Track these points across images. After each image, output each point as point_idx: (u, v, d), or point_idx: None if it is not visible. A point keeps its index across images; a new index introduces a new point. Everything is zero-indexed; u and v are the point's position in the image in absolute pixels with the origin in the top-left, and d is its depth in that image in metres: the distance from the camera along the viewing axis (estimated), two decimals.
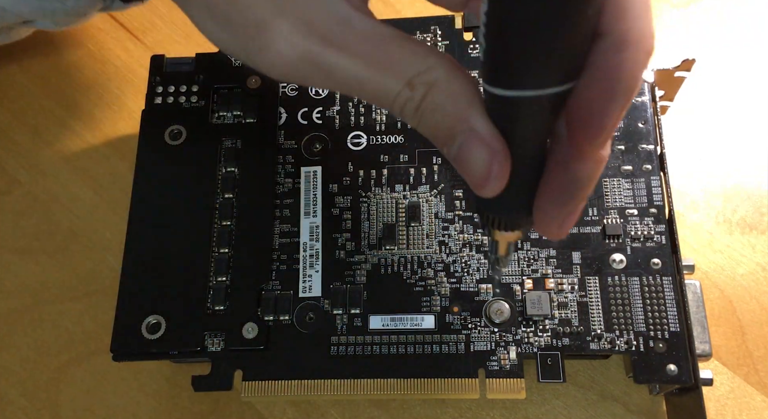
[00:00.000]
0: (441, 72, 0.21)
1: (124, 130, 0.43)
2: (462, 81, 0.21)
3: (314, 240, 0.35)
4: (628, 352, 0.31)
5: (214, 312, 0.34)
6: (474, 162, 0.21)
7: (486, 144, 0.20)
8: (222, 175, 0.36)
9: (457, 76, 0.21)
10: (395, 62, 0.21)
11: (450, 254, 0.34)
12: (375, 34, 0.22)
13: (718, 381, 0.35)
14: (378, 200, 0.36)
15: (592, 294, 0.33)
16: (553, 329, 0.32)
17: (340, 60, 0.22)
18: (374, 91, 0.22)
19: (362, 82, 0.22)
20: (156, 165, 0.37)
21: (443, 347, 0.32)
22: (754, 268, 0.37)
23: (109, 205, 0.41)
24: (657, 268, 0.32)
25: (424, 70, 0.21)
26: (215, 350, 0.33)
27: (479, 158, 0.21)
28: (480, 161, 0.21)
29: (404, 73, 0.21)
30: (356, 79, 0.22)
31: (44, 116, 0.44)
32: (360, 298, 0.33)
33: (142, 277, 0.34)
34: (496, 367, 0.32)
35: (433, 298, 0.33)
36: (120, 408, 0.37)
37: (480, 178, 0.21)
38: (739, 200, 0.39)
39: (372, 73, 0.21)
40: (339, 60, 0.22)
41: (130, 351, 0.33)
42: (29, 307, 0.39)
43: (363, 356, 0.32)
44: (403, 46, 0.22)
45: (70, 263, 0.40)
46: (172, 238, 0.35)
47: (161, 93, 0.38)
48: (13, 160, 0.43)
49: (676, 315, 0.32)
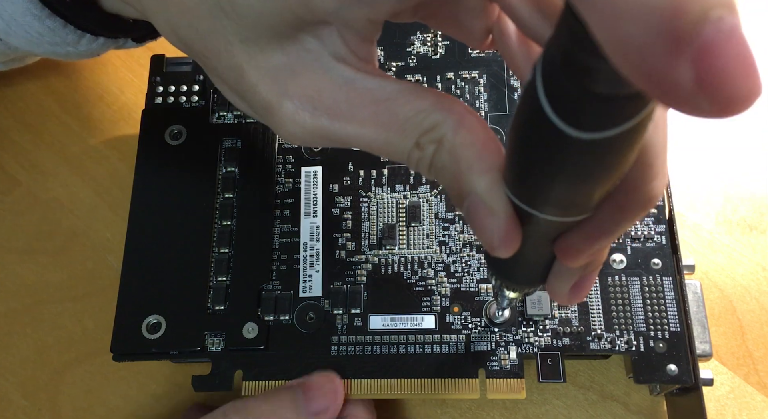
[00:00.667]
0: (446, 129, 0.21)
1: (124, 130, 0.43)
2: (466, 139, 0.21)
3: (314, 240, 0.35)
4: (629, 352, 0.31)
5: (215, 312, 0.34)
6: (481, 228, 0.20)
7: (488, 209, 0.20)
8: (222, 175, 0.36)
9: (462, 133, 0.21)
10: (402, 123, 0.21)
11: (450, 254, 0.34)
12: (380, 92, 0.22)
13: (718, 381, 0.35)
14: (378, 200, 0.36)
15: (592, 294, 0.33)
16: (554, 329, 0.32)
17: (349, 130, 0.22)
18: (387, 152, 0.22)
19: (374, 145, 0.22)
20: (156, 165, 0.37)
21: (443, 347, 0.32)
22: (754, 268, 0.37)
23: (109, 205, 0.41)
24: (657, 268, 0.33)
25: (430, 128, 0.21)
26: (215, 350, 0.33)
27: (485, 224, 0.20)
28: (486, 227, 0.20)
29: (412, 134, 0.21)
30: (368, 144, 0.22)
31: (44, 116, 0.44)
32: (360, 298, 0.33)
33: (143, 277, 0.34)
34: (496, 367, 0.32)
35: (433, 298, 0.33)
36: (120, 408, 0.37)
37: (488, 244, 0.20)
38: (739, 200, 0.39)
39: (382, 137, 0.22)
40: (348, 130, 0.22)
41: (130, 350, 0.33)
42: (29, 307, 0.39)
43: (363, 356, 0.32)
44: (409, 103, 0.21)
45: (70, 263, 0.40)
46: (173, 238, 0.35)
47: (161, 93, 0.38)
48: (13, 160, 0.43)
49: (676, 315, 0.32)
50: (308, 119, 0.22)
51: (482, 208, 0.20)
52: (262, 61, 0.22)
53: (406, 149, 0.22)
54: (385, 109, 0.22)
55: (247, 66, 0.22)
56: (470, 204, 0.20)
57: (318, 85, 0.22)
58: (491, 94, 0.37)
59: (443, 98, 0.21)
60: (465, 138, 0.20)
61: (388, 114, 0.21)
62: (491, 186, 0.20)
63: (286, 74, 0.22)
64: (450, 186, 0.21)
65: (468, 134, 0.21)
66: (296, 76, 0.22)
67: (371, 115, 0.22)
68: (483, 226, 0.20)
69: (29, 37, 0.31)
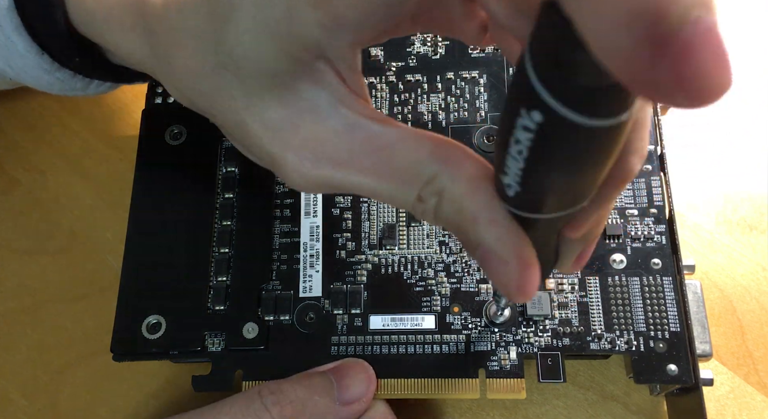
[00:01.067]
0: (446, 180, 0.21)
1: (124, 130, 0.43)
2: (466, 189, 0.20)
3: (314, 240, 0.35)
4: (629, 352, 0.31)
5: (215, 312, 0.34)
6: (497, 277, 0.20)
7: (500, 259, 0.20)
8: (222, 175, 0.36)
9: (461, 183, 0.21)
10: (402, 175, 0.21)
11: (450, 254, 0.34)
12: (379, 141, 0.22)
13: (718, 381, 0.35)
14: (377, 200, 0.36)
15: (592, 294, 0.33)
16: (554, 329, 0.32)
17: (352, 179, 0.22)
18: (392, 203, 0.23)
19: (377, 194, 0.22)
20: (156, 165, 0.37)
21: (443, 347, 0.32)
22: (754, 268, 0.37)
23: (109, 205, 0.41)
24: (657, 268, 0.32)
25: (430, 179, 0.21)
26: (215, 350, 0.33)
27: (500, 273, 0.20)
28: (502, 276, 0.20)
29: (413, 186, 0.21)
30: (371, 192, 0.22)
31: (44, 116, 0.44)
32: (360, 298, 0.33)
33: (143, 277, 0.34)
34: (496, 367, 0.32)
35: (433, 298, 0.33)
36: (120, 408, 0.37)
37: (505, 292, 0.20)
38: (739, 200, 0.39)
39: (384, 188, 0.22)
40: (351, 179, 0.22)
41: (130, 351, 0.33)
42: (29, 307, 0.39)
43: (363, 356, 0.32)
44: (407, 152, 0.21)
45: (70, 263, 0.40)
46: (173, 238, 0.35)
47: (161, 93, 0.38)
48: (13, 160, 0.43)
49: (676, 315, 0.32)
50: (311, 171, 0.22)
51: (494, 258, 0.20)
52: (264, 114, 0.23)
53: (409, 201, 0.22)
54: (386, 159, 0.22)
55: (250, 121, 0.23)
56: (482, 255, 0.20)
57: (319, 135, 0.22)
58: (491, 94, 0.37)
59: (441, 145, 0.21)
60: (465, 188, 0.20)
61: (388, 164, 0.22)
62: (500, 237, 0.20)
63: (287, 127, 0.23)
64: (459, 236, 0.21)
65: (467, 183, 0.20)
66: (297, 128, 0.23)
67: (372, 164, 0.22)
68: (498, 275, 0.20)
69: (41, 85, 0.32)
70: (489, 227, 0.20)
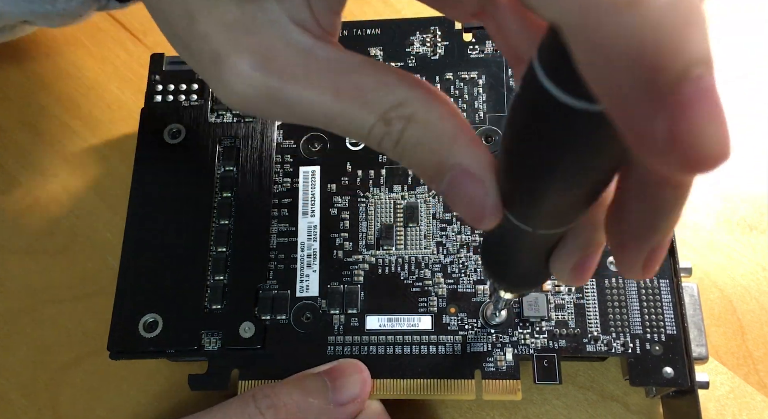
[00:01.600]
0: (418, 105, 0.20)
1: (124, 130, 0.43)
2: (442, 112, 0.20)
3: (312, 240, 0.35)
4: (625, 354, 0.31)
5: (212, 311, 0.34)
6: (466, 198, 0.19)
7: (476, 179, 0.19)
8: (220, 174, 0.36)
9: (436, 108, 0.20)
10: (365, 94, 0.20)
11: (447, 255, 0.34)
12: (340, 63, 0.21)
13: (718, 381, 0.35)
14: (376, 201, 0.36)
15: (589, 296, 0.32)
16: (550, 331, 0.32)
17: (304, 94, 0.20)
18: (345, 126, 0.20)
19: (330, 116, 0.20)
20: (155, 163, 0.37)
21: (440, 348, 0.32)
22: (754, 268, 0.37)
23: (109, 205, 0.41)
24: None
25: (399, 102, 0.20)
26: (212, 349, 0.33)
27: (471, 193, 0.19)
28: (473, 196, 0.19)
29: (377, 107, 0.20)
30: (323, 114, 0.20)
31: (44, 116, 0.44)
32: (357, 298, 0.33)
33: (140, 275, 0.34)
34: (492, 368, 0.32)
35: (430, 299, 0.33)
36: (120, 408, 0.37)
37: (475, 214, 0.19)
38: (739, 200, 0.39)
39: (341, 107, 0.20)
40: (302, 94, 0.20)
41: (127, 349, 0.33)
42: (29, 307, 0.39)
43: (360, 356, 0.32)
44: (373, 75, 0.20)
45: (70, 263, 0.40)
46: (170, 236, 0.35)
47: (161, 91, 0.38)
48: (13, 160, 0.43)
49: (672, 318, 0.31)
50: (258, 77, 0.20)
51: (470, 179, 0.19)
52: (216, 12, 0.21)
53: (367, 124, 0.20)
54: (346, 77, 0.20)
55: (198, 14, 0.21)
56: (454, 177, 0.19)
57: (274, 45, 0.20)
58: (490, 95, 0.37)
59: (408, 75, 0.20)
60: (442, 111, 0.20)
61: (350, 82, 0.20)
62: (479, 155, 0.19)
63: (240, 29, 0.21)
64: (424, 162, 0.20)
65: (444, 107, 0.20)
66: (251, 33, 0.21)
67: (330, 82, 0.20)
68: (471, 197, 0.19)
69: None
70: (469, 146, 0.19)
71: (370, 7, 0.46)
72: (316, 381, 0.30)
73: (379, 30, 0.39)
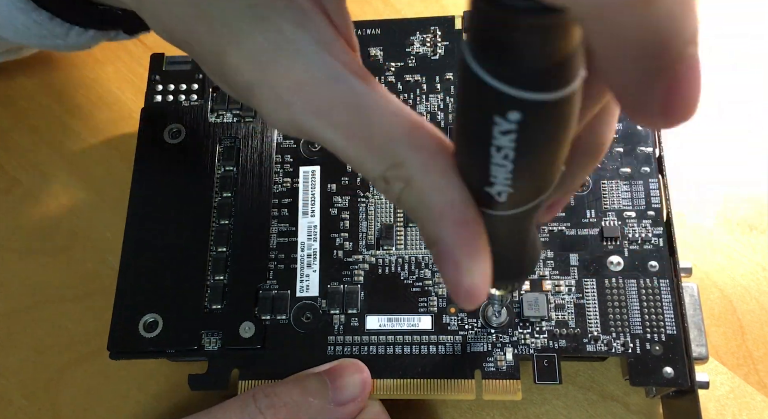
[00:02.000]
0: (414, 170, 0.20)
1: (123, 130, 0.43)
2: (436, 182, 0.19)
3: (312, 240, 0.35)
4: (625, 354, 0.31)
5: (212, 311, 0.34)
6: (447, 278, 0.20)
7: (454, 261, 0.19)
8: (220, 174, 0.36)
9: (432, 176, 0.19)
10: (373, 144, 0.20)
11: None
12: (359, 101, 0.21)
13: (718, 381, 0.35)
14: (376, 200, 0.36)
15: (589, 296, 0.32)
16: (550, 331, 0.32)
17: (322, 129, 0.21)
18: (355, 166, 0.21)
19: (343, 154, 0.21)
20: (155, 163, 0.37)
21: (440, 348, 0.32)
22: (754, 268, 0.37)
23: (109, 205, 0.41)
24: (654, 271, 0.32)
25: (399, 162, 0.20)
26: (212, 349, 0.33)
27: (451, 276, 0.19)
28: (452, 279, 0.19)
29: (378, 162, 0.20)
30: (338, 150, 0.21)
31: (44, 116, 0.44)
32: (357, 298, 0.33)
33: (140, 275, 0.34)
34: (492, 368, 0.32)
35: (430, 299, 0.33)
36: (120, 408, 0.37)
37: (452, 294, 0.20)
38: (739, 200, 0.39)
39: (351, 148, 0.21)
40: (321, 129, 0.21)
41: (127, 349, 0.33)
42: (29, 307, 0.39)
43: (360, 356, 0.32)
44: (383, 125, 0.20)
45: (70, 263, 0.40)
46: (170, 236, 0.35)
47: (161, 91, 0.38)
48: (13, 160, 0.43)
49: (672, 318, 0.31)
50: (284, 112, 0.21)
51: (450, 260, 0.19)
52: (244, 43, 0.22)
53: (372, 174, 0.20)
54: (361, 121, 0.20)
55: (228, 48, 0.22)
56: (439, 252, 0.20)
57: (299, 77, 0.21)
58: None
59: (418, 128, 0.20)
60: (435, 182, 0.19)
61: (362, 128, 0.20)
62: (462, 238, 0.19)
63: (267, 59, 0.21)
64: (418, 224, 0.20)
65: (438, 178, 0.19)
66: (277, 64, 0.21)
67: (346, 122, 0.20)
68: (449, 277, 0.20)
69: (17, 29, 0.31)
70: (454, 227, 0.19)
71: (370, 7, 0.46)
72: (316, 380, 0.30)
73: (379, 30, 0.39)
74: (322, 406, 0.29)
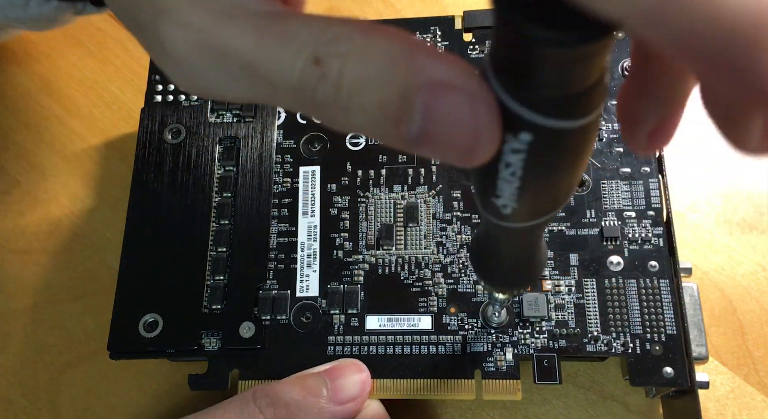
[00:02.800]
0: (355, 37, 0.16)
1: (123, 130, 0.43)
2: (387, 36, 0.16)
3: (312, 240, 0.35)
4: (625, 354, 0.31)
5: (211, 311, 0.34)
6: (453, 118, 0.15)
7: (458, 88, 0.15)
8: (220, 174, 0.36)
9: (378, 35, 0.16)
10: (290, 33, 0.17)
11: (447, 255, 0.34)
12: (273, 11, 0.18)
13: (718, 382, 0.35)
14: (376, 201, 0.35)
15: (589, 296, 0.32)
16: (550, 331, 0.32)
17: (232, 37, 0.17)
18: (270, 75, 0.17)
19: (254, 64, 0.17)
20: (155, 163, 0.37)
21: (440, 348, 0.32)
22: (754, 268, 0.37)
23: (109, 205, 0.41)
24: (654, 271, 0.32)
25: (331, 38, 0.16)
26: (212, 349, 0.33)
27: (457, 111, 0.15)
28: (459, 114, 0.15)
29: (304, 45, 0.16)
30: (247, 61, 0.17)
31: (44, 116, 0.44)
32: (357, 298, 0.33)
33: (140, 275, 0.35)
34: (492, 368, 0.32)
35: (430, 299, 0.33)
36: (120, 408, 0.37)
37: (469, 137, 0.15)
38: (739, 200, 0.39)
39: (263, 51, 0.17)
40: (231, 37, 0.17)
41: (127, 349, 0.33)
42: (29, 307, 0.39)
43: (360, 356, 0.32)
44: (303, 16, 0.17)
45: (70, 263, 0.40)
46: (170, 236, 0.35)
47: (161, 91, 0.38)
48: (13, 160, 0.43)
49: (672, 318, 0.31)
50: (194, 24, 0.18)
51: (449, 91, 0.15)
52: None
53: (294, 68, 0.16)
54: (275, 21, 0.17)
55: None
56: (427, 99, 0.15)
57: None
58: None
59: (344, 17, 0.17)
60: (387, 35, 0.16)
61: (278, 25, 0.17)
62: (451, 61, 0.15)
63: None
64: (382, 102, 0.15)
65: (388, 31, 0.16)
66: None
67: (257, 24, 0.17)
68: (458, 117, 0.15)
69: None
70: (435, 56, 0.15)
71: (370, 7, 0.46)
72: (316, 380, 0.30)
73: None
74: (321, 406, 0.29)
